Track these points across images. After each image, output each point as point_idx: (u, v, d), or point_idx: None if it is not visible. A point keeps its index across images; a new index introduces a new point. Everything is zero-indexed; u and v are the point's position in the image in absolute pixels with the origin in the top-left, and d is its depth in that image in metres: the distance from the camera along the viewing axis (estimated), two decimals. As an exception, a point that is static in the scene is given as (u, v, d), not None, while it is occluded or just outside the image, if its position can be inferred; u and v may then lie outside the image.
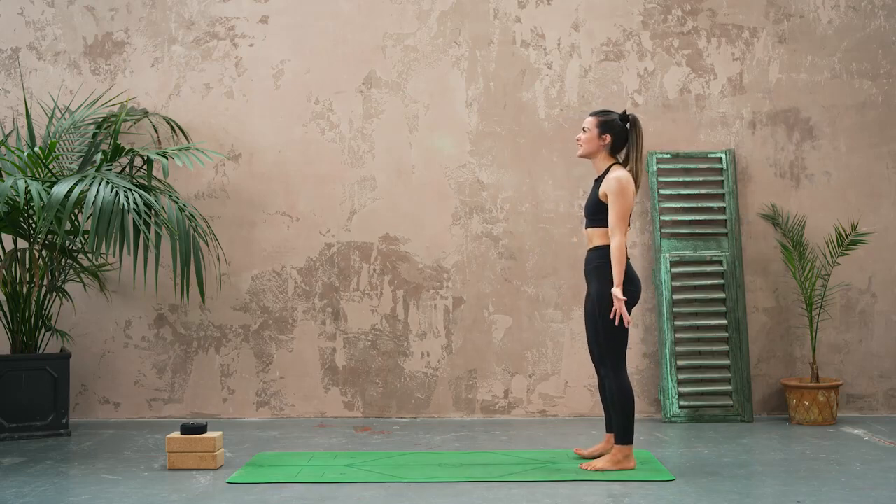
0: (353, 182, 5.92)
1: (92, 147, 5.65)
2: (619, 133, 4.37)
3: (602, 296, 4.26)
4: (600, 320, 4.27)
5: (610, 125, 4.36)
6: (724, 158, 5.82)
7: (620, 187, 4.22)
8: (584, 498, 3.86)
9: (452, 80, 5.93)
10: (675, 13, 5.93)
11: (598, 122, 4.38)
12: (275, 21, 5.96)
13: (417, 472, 4.32)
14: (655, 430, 5.34)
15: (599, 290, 4.27)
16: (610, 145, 4.37)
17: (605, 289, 4.25)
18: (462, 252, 5.88)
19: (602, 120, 4.38)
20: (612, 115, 4.39)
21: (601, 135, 4.37)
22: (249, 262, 5.90)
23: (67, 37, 5.98)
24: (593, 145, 4.38)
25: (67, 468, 4.51)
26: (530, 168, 5.90)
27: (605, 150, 4.38)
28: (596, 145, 4.38)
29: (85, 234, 5.33)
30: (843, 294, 5.82)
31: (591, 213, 4.34)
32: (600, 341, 4.32)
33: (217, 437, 4.46)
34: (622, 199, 4.21)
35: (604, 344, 4.29)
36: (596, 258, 4.30)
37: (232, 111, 5.95)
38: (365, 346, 5.86)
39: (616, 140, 4.37)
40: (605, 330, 4.26)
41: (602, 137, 4.37)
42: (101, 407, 5.87)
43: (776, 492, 3.93)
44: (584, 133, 4.40)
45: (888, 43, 5.90)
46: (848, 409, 5.79)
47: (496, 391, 5.81)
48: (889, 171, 5.88)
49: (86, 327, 5.87)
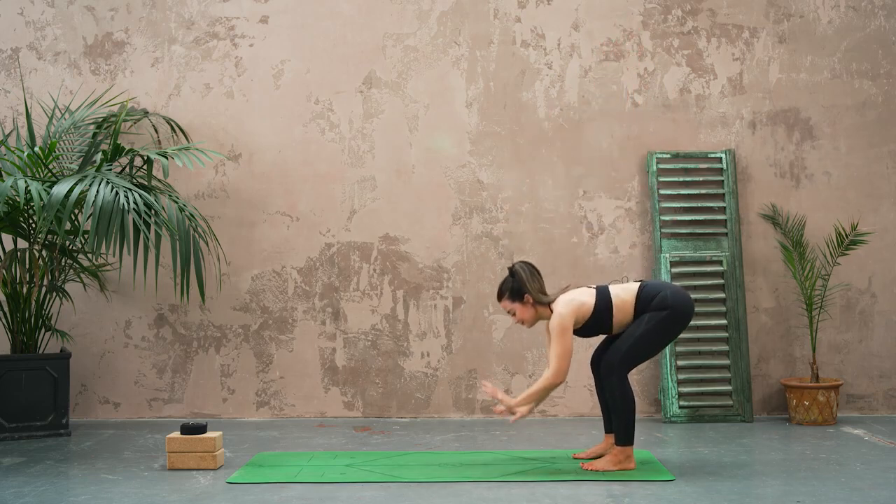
0: (353, 182, 5.92)
1: (92, 147, 5.65)
2: (523, 286, 4.35)
3: (666, 317, 4.24)
4: (649, 325, 4.24)
5: (517, 291, 4.36)
6: (724, 158, 5.82)
7: (561, 326, 4.24)
8: (584, 498, 3.86)
9: (452, 80, 5.94)
10: (675, 13, 5.93)
11: (510, 297, 4.38)
12: (275, 21, 5.96)
13: (417, 472, 4.32)
14: (655, 430, 5.34)
15: (665, 312, 4.26)
16: (534, 299, 4.35)
17: (669, 312, 4.25)
18: (462, 252, 5.88)
19: (509, 294, 4.38)
20: (507, 285, 4.39)
21: (521, 302, 4.37)
22: (249, 262, 5.90)
23: (67, 37, 5.98)
24: (529, 312, 4.39)
25: (67, 468, 4.51)
26: (530, 168, 5.90)
27: (537, 305, 4.37)
28: (531, 311, 4.38)
29: (85, 234, 5.33)
30: (843, 294, 5.82)
31: (593, 332, 4.39)
32: (623, 346, 4.27)
33: (217, 437, 4.46)
34: (563, 336, 4.24)
35: (628, 350, 4.25)
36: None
37: (232, 111, 5.95)
38: (365, 346, 5.86)
39: (530, 291, 4.34)
40: (643, 337, 4.25)
41: (525, 301, 4.37)
42: (101, 407, 5.87)
43: (776, 492, 3.93)
44: (515, 315, 4.41)
45: (888, 43, 5.90)
46: (848, 409, 5.79)
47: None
48: (889, 171, 5.88)
49: (86, 327, 5.87)
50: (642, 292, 4.31)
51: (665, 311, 4.24)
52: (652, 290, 4.31)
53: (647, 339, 4.26)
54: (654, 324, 4.25)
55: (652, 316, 4.25)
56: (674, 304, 4.25)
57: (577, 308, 4.28)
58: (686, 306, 4.29)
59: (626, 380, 4.27)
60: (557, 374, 4.21)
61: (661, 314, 4.24)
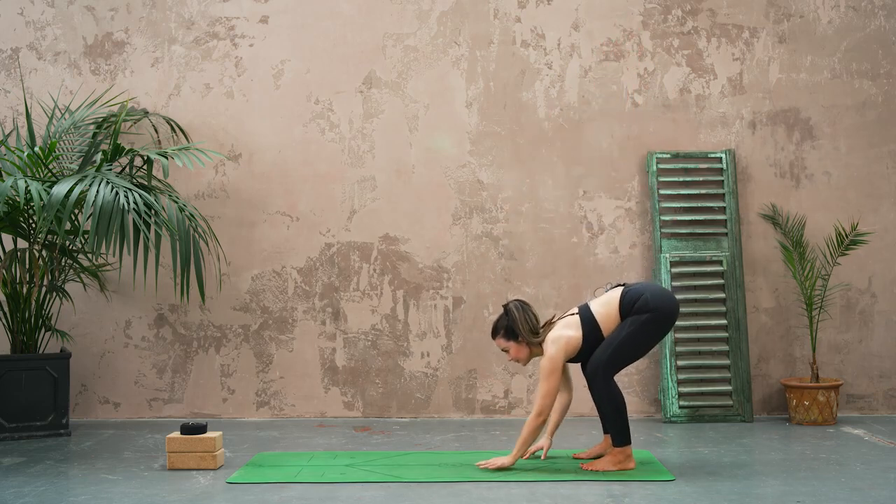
0: (353, 182, 5.92)
1: (92, 147, 5.65)
2: (514, 327, 4.37)
3: (648, 320, 4.23)
4: (632, 328, 4.24)
5: (511, 330, 4.38)
6: (724, 158, 5.82)
7: (551, 368, 4.25)
8: (584, 498, 3.86)
9: (452, 80, 5.94)
10: (675, 13, 5.93)
11: (505, 336, 4.41)
12: (275, 21, 5.96)
13: (417, 472, 4.32)
14: (655, 430, 5.34)
15: (647, 315, 4.25)
16: (527, 338, 4.37)
17: (651, 315, 4.25)
18: (462, 252, 5.88)
19: (504, 332, 4.41)
20: (501, 323, 4.42)
21: (516, 341, 4.40)
22: (249, 262, 5.90)
23: (67, 37, 5.98)
24: (523, 351, 4.42)
25: (67, 468, 4.51)
26: (530, 168, 5.90)
27: (531, 345, 4.39)
28: (525, 350, 4.42)
29: (85, 234, 5.33)
30: (843, 294, 5.82)
31: (589, 354, 4.38)
32: (606, 350, 4.27)
33: (217, 437, 4.46)
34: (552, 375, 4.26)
35: (611, 354, 4.25)
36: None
37: (232, 111, 5.95)
38: (365, 346, 5.86)
39: (524, 331, 4.36)
40: (626, 340, 4.25)
41: (520, 342, 4.39)
42: (101, 407, 5.87)
43: (776, 492, 3.93)
44: (509, 353, 4.44)
45: (888, 43, 5.90)
46: (848, 409, 5.79)
47: (496, 391, 5.81)
48: (889, 171, 5.88)
49: (86, 327, 5.87)
50: (624, 298, 4.31)
51: (647, 315, 4.24)
52: (634, 294, 4.30)
53: (629, 342, 4.26)
54: (637, 327, 4.25)
55: (634, 319, 4.26)
56: (655, 307, 4.24)
57: (565, 346, 4.30)
58: (668, 307, 4.28)
59: (611, 381, 4.27)
60: (541, 413, 4.24)
61: (642, 317, 4.24)
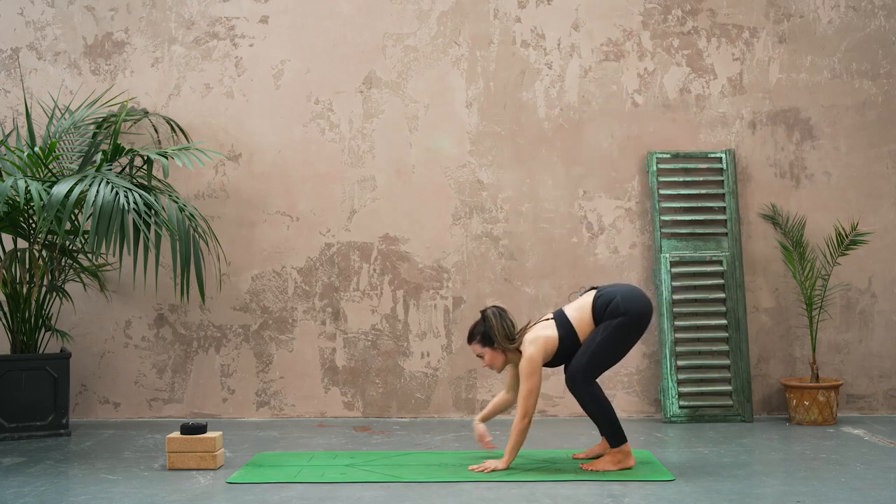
0: (353, 182, 5.92)
1: (92, 147, 5.65)
2: (490, 334, 4.37)
3: (622, 323, 4.23)
4: (606, 333, 4.24)
5: (487, 336, 4.38)
6: (724, 158, 5.82)
7: (531, 367, 4.25)
8: (584, 498, 3.86)
9: (452, 80, 5.94)
10: (675, 13, 5.93)
11: (481, 342, 4.41)
12: (275, 21, 5.96)
13: (417, 472, 4.32)
14: (655, 430, 5.34)
15: (619, 318, 4.25)
16: (503, 345, 4.37)
17: (623, 318, 4.25)
18: (462, 252, 5.88)
19: (480, 339, 4.41)
20: (478, 328, 4.42)
21: (492, 347, 4.39)
22: (249, 262, 5.90)
23: (67, 37, 5.98)
24: (499, 358, 4.42)
25: (67, 468, 4.51)
26: (530, 168, 5.90)
27: (507, 351, 4.40)
28: (500, 357, 4.42)
29: (85, 234, 5.33)
30: (843, 294, 5.82)
31: (565, 358, 4.38)
32: (582, 357, 4.27)
33: (217, 437, 4.46)
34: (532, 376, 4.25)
35: (588, 361, 4.26)
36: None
37: (232, 111, 5.95)
38: (365, 346, 5.86)
39: (500, 337, 4.36)
40: (602, 345, 4.25)
41: (495, 347, 4.39)
42: (101, 407, 5.87)
43: (776, 492, 3.93)
44: (484, 359, 4.44)
45: (888, 43, 5.90)
46: (848, 409, 5.79)
47: (496, 391, 5.80)
48: (889, 171, 5.88)
49: (86, 327, 5.87)
50: (597, 302, 4.32)
51: (619, 318, 4.24)
52: (606, 297, 4.31)
53: (605, 347, 4.26)
54: (611, 332, 4.25)
55: (607, 324, 4.26)
56: (626, 310, 4.24)
57: (543, 345, 4.29)
58: (640, 309, 4.28)
59: (593, 384, 4.28)
60: (526, 414, 4.24)
61: (615, 321, 4.25)
